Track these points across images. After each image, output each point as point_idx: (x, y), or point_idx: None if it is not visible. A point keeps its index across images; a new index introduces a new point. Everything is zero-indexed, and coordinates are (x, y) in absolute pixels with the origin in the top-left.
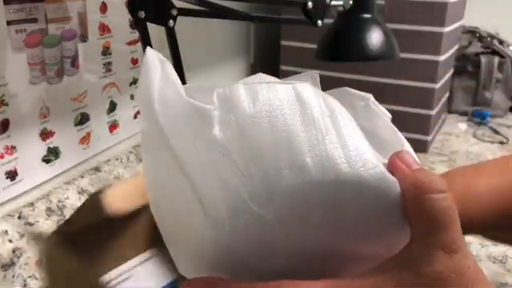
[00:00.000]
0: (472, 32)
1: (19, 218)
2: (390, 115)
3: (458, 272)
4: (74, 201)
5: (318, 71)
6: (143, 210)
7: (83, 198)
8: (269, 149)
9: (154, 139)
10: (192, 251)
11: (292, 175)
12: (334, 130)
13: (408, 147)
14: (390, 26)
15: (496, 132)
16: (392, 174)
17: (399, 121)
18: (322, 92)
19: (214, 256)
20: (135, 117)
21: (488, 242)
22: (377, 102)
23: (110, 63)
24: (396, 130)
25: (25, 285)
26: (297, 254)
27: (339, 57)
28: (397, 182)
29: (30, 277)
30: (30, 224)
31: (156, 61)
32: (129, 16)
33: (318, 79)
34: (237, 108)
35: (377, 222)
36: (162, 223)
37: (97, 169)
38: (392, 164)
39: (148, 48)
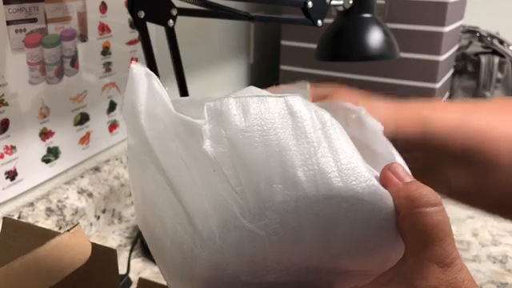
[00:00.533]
0: (472, 32)
1: (19, 217)
2: (381, 127)
3: (453, 286)
4: (73, 201)
5: (317, 71)
6: None
7: (83, 198)
8: (261, 164)
9: (142, 154)
10: (182, 269)
11: (284, 190)
12: (326, 143)
13: (400, 160)
14: (390, 25)
15: None
16: (384, 187)
17: None
18: (313, 105)
19: (204, 272)
20: None
21: (488, 242)
22: (368, 114)
23: (109, 63)
24: (388, 142)
25: None
26: (288, 269)
27: (339, 57)
28: (389, 196)
29: None
30: None
31: (142, 75)
32: (128, 16)
33: (309, 91)
34: (228, 122)
35: (370, 237)
36: (151, 240)
37: (96, 169)
38: (384, 177)
39: (133, 63)
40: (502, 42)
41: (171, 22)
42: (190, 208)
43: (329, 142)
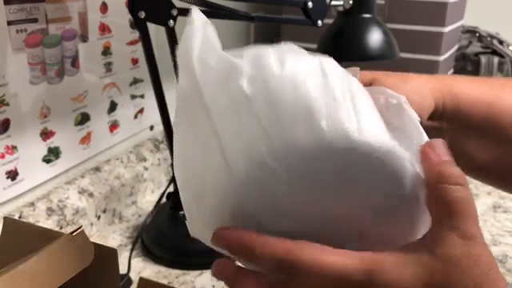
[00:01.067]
0: (472, 32)
1: (20, 217)
2: (419, 118)
3: (471, 258)
4: (74, 200)
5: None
6: None
7: (83, 198)
8: (289, 110)
9: (189, 96)
10: (209, 206)
11: (307, 136)
12: (351, 104)
13: None
14: (390, 25)
15: None
16: (422, 161)
17: None
18: (345, 71)
19: (229, 210)
20: (135, 117)
21: (488, 242)
22: (409, 104)
23: (110, 63)
24: (423, 131)
25: None
26: (306, 219)
27: (339, 57)
28: (407, 159)
29: None
30: None
31: (199, 22)
32: (129, 16)
33: (358, 76)
34: (265, 68)
35: (390, 199)
36: (184, 181)
37: (97, 169)
38: (422, 151)
39: (194, 9)
40: (501, 42)
41: (172, 22)
42: (223, 139)
43: (354, 103)
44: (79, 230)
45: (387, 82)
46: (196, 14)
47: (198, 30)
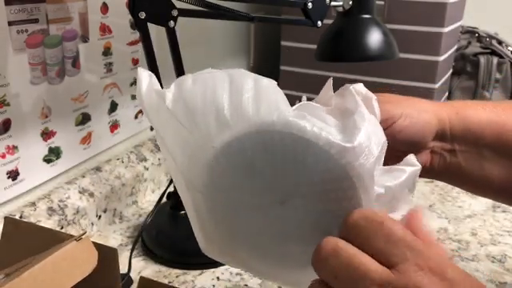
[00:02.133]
0: (471, 32)
1: (21, 217)
2: (375, 97)
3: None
4: (75, 200)
5: (317, 71)
6: None
7: (84, 198)
8: (201, 111)
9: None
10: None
11: (218, 130)
12: (254, 95)
13: (364, 110)
14: (390, 26)
15: None
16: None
17: None
18: (253, 75)
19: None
20: (136, 117)
21: (487, 242)
22: (377, 102)
23: (110, 63)
24: (360, 103)
25: None
26: (263, 192)
27: (339, 57)
28: (306, 127)
29: None
30: None
31: (145, 74)
32: (129, 16)
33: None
34: (182, 86)
35: (314, 174)
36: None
37: (98, 168)
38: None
39: (139, 69)
40: (500, 42)
41: (172, 22)
42: (170, 148)
43: (257, 95)
44: (84, 236)
45: (385, 97)
46: (141, 71)
47: (145, 78)
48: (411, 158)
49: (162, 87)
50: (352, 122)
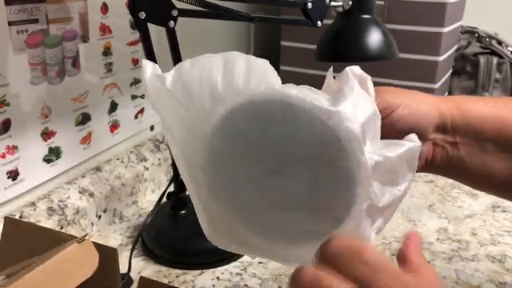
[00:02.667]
0: (471, 32)
1: (21, 217)
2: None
3: None
4: (75, 200)
5: (317, 71)
6: None
7: (84, 198)
8: (197, 89)
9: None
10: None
11: (213, 103)
12: (246, 71)
13: (355, 83)
14: (390, 26)
15: None
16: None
17: None
18: (252, 57)
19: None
20: (136, 117)
21: (487, 242)
22: (371, 82)
23: (110, 63)
24: (354, 81)
25: None
26: (258, 162)
27: (339, 57)
28: (291, 94)
29: None
30: None
31: (149, 64)
32: (129, 16)
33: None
34: (182, 68)
35: (312, 141)
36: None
37: (98, 168)
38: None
39: (144, 60)
40: (500, 42)
41: (172, 22)
42: (173, 131)
43: (248, 70)
44: (85, 239)
45: (385, 88)
46: (145, 61)
47: (149, 67)
48: (412, 136)
49: None
50: (341, 93)
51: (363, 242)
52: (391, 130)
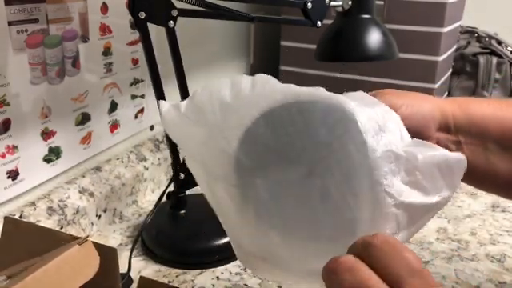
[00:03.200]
0: (470, 32)
1: (20, 217)
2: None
3: None
4: (74, 200)
5: (317, 71)
6: None
7: (84, 198)
8: (208, 105)
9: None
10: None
11: (224, 117)
12: (250, 83)
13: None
14: (389, 26)
15: None
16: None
17: None
18: (250, 77)
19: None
20: (136, 117)
21: (486, 241)
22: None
23: (110, 63)
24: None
25: None
26: (288, 168)
27: (338, 57)
28: (302, 89)
29: None
30: None
31: (166, 103)
32: (129, 16)
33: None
34: (195, 95)
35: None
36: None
37: (98, 168)
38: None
39: (161, 101)
40: (500, 42)
41: (172, 22)
42: (197, 157)
43: (253, 82)
44: (86, 241)
45: (387, 90)
46: (162, 102)
47: (166, 105)
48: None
49: (163, 92)
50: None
51: (403, 244)
52: None
